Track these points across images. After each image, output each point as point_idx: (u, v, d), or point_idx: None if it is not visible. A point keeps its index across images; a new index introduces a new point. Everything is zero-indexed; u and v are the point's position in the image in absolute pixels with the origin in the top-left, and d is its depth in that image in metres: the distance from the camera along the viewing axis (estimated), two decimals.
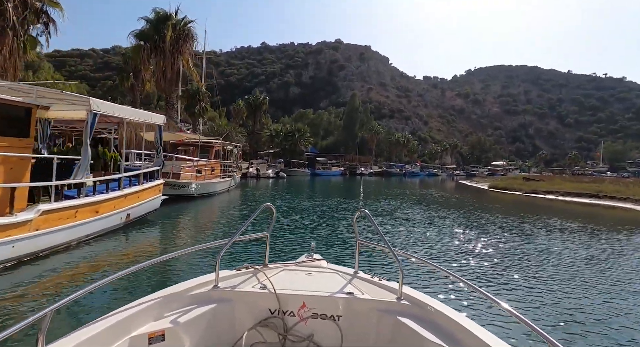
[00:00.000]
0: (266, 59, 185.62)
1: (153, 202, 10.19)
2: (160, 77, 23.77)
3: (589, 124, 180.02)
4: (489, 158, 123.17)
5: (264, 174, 37.80)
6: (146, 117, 9.46)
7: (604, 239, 10.34)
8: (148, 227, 9.43)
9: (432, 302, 2.04)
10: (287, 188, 28.14)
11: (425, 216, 13.73)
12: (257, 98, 50.01)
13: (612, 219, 15.55)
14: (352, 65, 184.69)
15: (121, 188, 8.33)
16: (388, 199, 20.63)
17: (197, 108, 42.77)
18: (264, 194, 21.81)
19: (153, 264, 2.01)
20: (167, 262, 6.02)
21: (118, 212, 8.20)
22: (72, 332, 1.54)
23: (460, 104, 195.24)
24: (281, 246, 7.81)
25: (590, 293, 5.64)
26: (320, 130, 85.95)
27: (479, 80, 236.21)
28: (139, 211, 9.33)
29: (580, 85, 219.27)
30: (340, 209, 14.86)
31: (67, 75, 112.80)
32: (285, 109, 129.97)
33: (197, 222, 11.74)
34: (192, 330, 1.89)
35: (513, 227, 11.86)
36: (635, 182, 29.94)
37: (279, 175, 39.77)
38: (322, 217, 12.46)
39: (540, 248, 8.75)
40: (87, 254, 6.64)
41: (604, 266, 7.34)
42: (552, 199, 23.73)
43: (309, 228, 10.36)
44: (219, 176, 18.65)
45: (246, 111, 49.02)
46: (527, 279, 6.20)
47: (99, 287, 1.67)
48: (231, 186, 20.65)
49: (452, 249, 8.37)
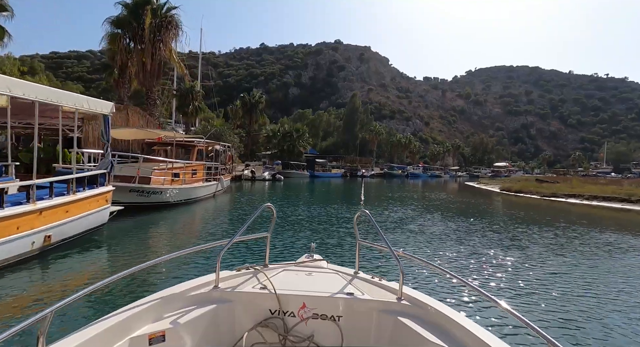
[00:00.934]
0: (265, 60, 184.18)
1: (95, 216, 7.74)
2: (140, 69, 21.27)
3: (592, 125, 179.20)
4: (492, 159, 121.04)
5: (259, 176, 35.23)
6: (78, 102, 6.92)
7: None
8: (84, 252, 6.91)
9: (432, 302, 2.03)
10: (283, 192, 25.69)
11: (443, 229, 11.27)
12: (254, 96, 47.11)
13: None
14: (352, 66, 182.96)
15: (32, 200, 5.86)
16: (394, 204, 18.23)
17: (191, 107, 40.36)
18: (254, 199, 19.35)
19: (153, 265, 2.01)
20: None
21: (27, 235, 5.75)
22: (72, 333, 1.53)
23: (461, 105, 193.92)
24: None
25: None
26: (320, 131, 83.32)
27: (480, 80, 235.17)
28: (69, 230, 6.87)
29: (582, 86, 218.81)
30: (341, 219, 12.38)
31: (64, 77, 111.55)
32: (285, 110, 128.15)
33: (160, 239, 9.10)
34: (193, 330, 1.89)
35: (560, 245, 9.39)
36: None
37: (276, 177, 37.06)
38: (319, 234, 10.01)
39: (621, 286, 6.27)
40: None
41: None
42: (576, 203, 21.23)
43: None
44: (202, 179, 16.21)
45: (242, 110, 46.33)
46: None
47: (99, 289, 1.65)
48: (218, 191, 18.14)
49: (506, 282, 5.91)
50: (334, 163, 64.31)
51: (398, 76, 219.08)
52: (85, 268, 6.32)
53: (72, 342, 1.46)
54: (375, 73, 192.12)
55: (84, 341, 1.48)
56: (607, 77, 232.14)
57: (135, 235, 9.13)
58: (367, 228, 9.27)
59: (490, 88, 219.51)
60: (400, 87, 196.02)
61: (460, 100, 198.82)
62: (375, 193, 27.30)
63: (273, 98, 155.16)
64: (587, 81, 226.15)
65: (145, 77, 22.36)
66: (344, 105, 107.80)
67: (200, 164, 16.18)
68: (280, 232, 9.31)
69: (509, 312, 1.64)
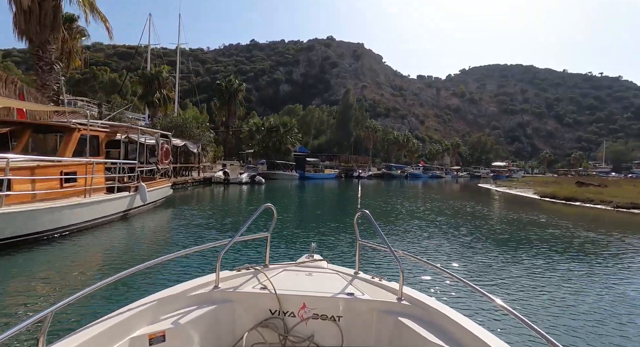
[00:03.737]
0: (255, 57, 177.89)
1: None
2: (19, 8, 14.22)
3: (588, 124, 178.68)
4: (490, 159, 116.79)
5: (234, 179, 28.14)
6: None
7: None
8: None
9: (432, 302, 2.02)
10: (260, 200, 19.50)
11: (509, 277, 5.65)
12: (232, 83, 39.97)
13: None
14: (345, 63, 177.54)
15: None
16: (406, 219, 12.30)
17: (156, 96, 33.84)
18: (204, 214, 12.98)
19: (153, 265, 1.98)
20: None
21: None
22: (72, 333, 1.52)
23: (456, 103, 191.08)
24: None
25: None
26: (312, 129, 76.84)
27: (474, 79, 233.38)
28: None
29: (576, 84, 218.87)
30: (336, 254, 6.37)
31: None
32: (275, 107, 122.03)
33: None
34: (193, 331, 1.88)
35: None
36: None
37: (255, 180, 29.61)
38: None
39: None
40: None
41: None
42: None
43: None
44: (103, 190, 9.62)
45: (218, 101, 39.31)
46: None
47: (99, 289, 1.63)
48: (134, 208, 10.87)
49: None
50: (327, 162, 57.76)
51: (392, 74, 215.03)
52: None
53: (72, 342, 1.46)
54: (369, 70, 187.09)
55: (84, 341, 1.48)
56: (601, 75, 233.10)
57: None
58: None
59: (485, 86, 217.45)
60: (394, 85, 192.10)
61: (455, 99, 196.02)
62: (377, 200, 21.28)
63: (263, 95, 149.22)
64: (581, 80, 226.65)
65: (28, 22, 14.54)
66: (337, 103, 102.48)
67: (81, 162, 8.88)
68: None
69: (509, 313, 1.60)
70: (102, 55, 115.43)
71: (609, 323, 4.47)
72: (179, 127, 25.87)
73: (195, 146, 24.96)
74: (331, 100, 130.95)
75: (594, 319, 4.56)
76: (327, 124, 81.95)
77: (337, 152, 65.68)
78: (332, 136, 75.25)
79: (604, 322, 4.47)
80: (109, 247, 7.72)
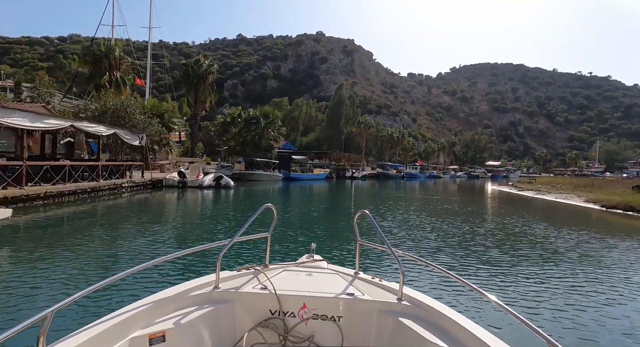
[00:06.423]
0: (242, 51, 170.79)
1: None
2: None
3: (579, 123, 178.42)
4: (484, 158, 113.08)
5: (193, 182, 21.78)
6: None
7: None
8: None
9: (432, 303, 2.02)
10: (210, 220, 13.52)
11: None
12: (200, 64, 32.91)
13: None
14: (335, 58, 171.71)
15: None
16: (422, 244, 6.88)
17: (106, 77, 27.34)
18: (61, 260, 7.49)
19: (154, 265, 1.99)
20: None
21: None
22: (72, 333, 1.52)
23: (448, 101, 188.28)
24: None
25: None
26: (300, 125, 70.61)
27: (465, 77, 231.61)
28: None
29: (566, 84, 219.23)
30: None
31: (11, 64, 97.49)
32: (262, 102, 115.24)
33: None
34: (193, 331, 1.88)
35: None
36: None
37: (222, 183, 22.99)
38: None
39: None
40: None
41: None
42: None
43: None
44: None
45: (184, 86, 32.43)
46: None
47: (99, 288, 1.63)
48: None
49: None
50: (317, 161, 51.56)
51: (382, 71, 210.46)
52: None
53: (72, 343, 1.46)
54: (360, 66, 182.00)
55: (84, 341, 1.48)
56: (590, 75, 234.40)
57: None
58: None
59: (476, 85, 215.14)
60: (385, 82, 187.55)
61: (446, 97, 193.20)
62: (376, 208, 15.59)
63: (249, 90, 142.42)
64: (571, 79, 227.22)
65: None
66: (327, 99, 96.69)
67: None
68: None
69: (510, 313, 1.60)
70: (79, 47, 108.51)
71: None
72: (118, 111, 19.66)
73: (135, 137, 18.66)
74: (320, 96, 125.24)
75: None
76: (316, 120, 75.96)
77: (327, 150, 59.69)
78: (322, 133, 69.21)
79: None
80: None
